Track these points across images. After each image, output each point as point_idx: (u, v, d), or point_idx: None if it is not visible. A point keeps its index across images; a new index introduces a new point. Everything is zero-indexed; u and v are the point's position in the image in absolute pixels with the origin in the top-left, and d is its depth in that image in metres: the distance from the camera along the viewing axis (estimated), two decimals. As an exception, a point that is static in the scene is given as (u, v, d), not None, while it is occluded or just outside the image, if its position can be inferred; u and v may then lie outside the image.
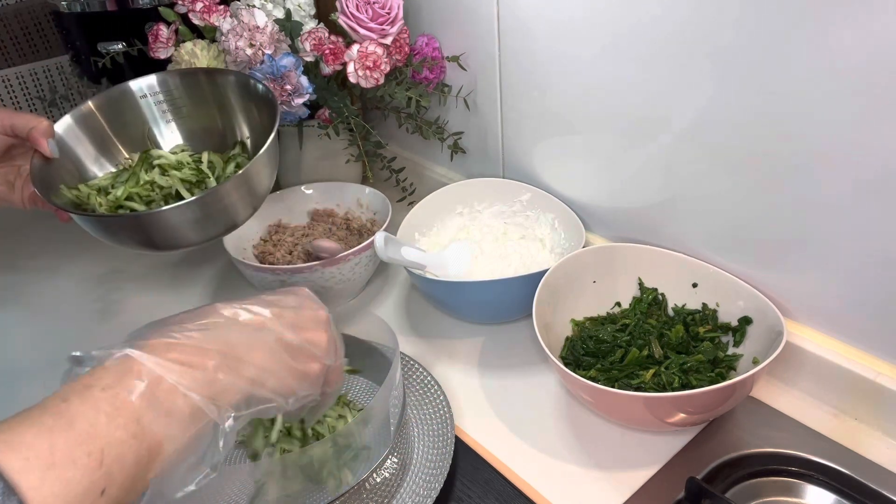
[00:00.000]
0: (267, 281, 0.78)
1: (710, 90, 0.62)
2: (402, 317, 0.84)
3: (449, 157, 0.97)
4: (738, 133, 0.61)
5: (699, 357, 0.66)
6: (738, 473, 0.59)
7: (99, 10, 0.95)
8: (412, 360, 0.72)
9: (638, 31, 0.65)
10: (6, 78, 1.20)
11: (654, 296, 0.74)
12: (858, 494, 0.56)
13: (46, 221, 0.93)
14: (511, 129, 0.88)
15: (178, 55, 0.82)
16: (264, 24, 0.80)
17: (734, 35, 0.58)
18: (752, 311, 0.66)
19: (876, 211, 0.55)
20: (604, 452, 0.63)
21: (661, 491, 0.58)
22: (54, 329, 0.86)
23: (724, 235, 0.68)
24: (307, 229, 0.91)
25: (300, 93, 0.82)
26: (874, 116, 0.52)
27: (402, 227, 0.84)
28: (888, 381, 0.59)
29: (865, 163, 0.54)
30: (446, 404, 0.66)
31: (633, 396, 0.57)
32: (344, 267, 0.78)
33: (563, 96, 0.77)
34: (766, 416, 0.64)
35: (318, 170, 0.97)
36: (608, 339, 0.69)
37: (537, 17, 0.75)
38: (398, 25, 0.84)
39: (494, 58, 0.83)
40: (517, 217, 0.89)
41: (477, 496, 0.59)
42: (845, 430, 0.62)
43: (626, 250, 0.75)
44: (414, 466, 0.61)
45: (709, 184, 0.67)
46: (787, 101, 0.57)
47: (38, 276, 0.98)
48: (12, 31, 1.19)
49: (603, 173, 0.78)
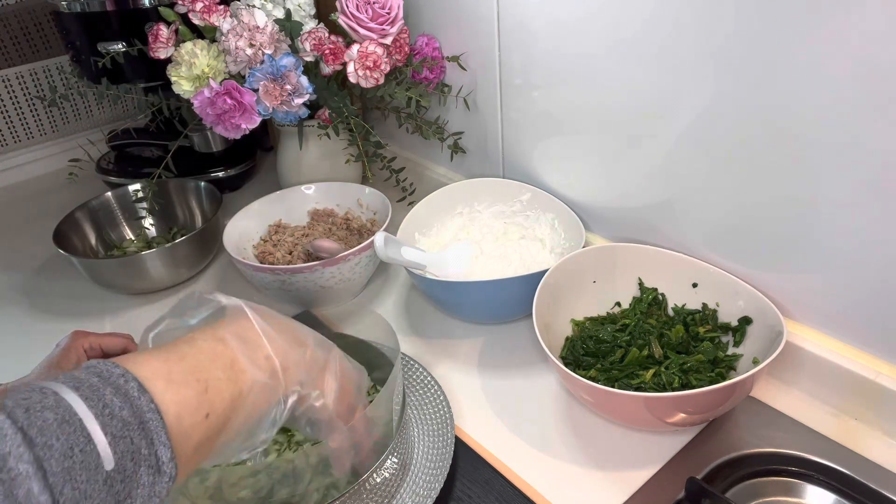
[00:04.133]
0: (267, 281, 0.78)
1: (710, 90, 0.62)
2: (402, 317, 0.84)
3: (449, 157, 0.97)
4: (738, 133, 0.61)
5: (699, 357, 0.66)
6: (738, 473, 0.59)
7: (99, 10, 0.95)
8: (412, 360, 0.72)
9: (638, 31, 0.65)
10: (6, 78, 1.20)
11: (654, 296, 0.74)
12: (858, 494, 0.56)
13: (47, 221, 0.93)
14: (511, 129, 0.88)
15: (178, 55, 0.82)
16: (264, 24, 0.80)
17: (734, 35, 0.58)
18: (752, 310, 0.66)
19: (876, 211, 0.55)
20: (604, 452, 0.62)
21: (661, 491, 0.58)
22: (55, 329, 0.86)
23: (724, 235, 0.68)
24: (307, 229, 0.91)
25: (300, 93, 0.82)
26: (874, 117, 0.52)
27: (402, 227, 0.84)
28: (888, 381, 0.59)
29: (865, 163, 0.54)
30: (446, 404, 0.66)
31: (633, 396, 0.57)
32: (344, 267, 0.78)
33: (563, 96, 0.77)
34: (766, 416, 0.64)
35: (318, 170, 0.97)
36: (608, 339, 0.69)
37: (537, 17, 0.75)
38: (398, 25, 0.84)
39: (494, 58, 0.83)
40: (517, 217, 0.89)
41: (477, 496, 0.59)
42: (845, 430, 0.62)
43: (626, 250, 0.75)
44: (414, 466, 0.61)
45: (709, 184, 0.67)
46: (787, 102, 0.57)
47: (39, 276, 0.98)
48: (12, 31, 1.19)
49: (603, 173, 0.78)
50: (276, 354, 0.46)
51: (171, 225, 1.03)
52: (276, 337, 0.46)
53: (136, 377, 0.37)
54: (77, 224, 0.95)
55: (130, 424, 0.35)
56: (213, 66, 0.82)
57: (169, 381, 0.38)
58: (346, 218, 0.93)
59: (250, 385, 0.43)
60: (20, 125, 1.25)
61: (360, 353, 0.69)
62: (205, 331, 0.44)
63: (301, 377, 0.48)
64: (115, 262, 0.90)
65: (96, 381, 0.35)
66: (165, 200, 1.00)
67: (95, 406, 0.34)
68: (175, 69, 0.82)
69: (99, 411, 0.34)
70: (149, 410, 0.36)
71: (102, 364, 0.37)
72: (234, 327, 0.45)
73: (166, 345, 0.42)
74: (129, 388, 0.36)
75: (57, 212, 0.94)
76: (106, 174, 1.14)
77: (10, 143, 1.26)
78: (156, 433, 0.36)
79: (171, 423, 0.37)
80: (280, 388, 0.46)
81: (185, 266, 0.91)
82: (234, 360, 0.43)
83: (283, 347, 0.46)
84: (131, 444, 0.34)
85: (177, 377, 0.39)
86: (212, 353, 0.42)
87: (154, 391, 0.37)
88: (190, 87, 0.82)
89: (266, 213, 0.91)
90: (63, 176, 1.04)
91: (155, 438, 0.35)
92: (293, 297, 0.80)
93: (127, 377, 0.36)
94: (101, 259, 0.94)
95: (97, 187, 1.10)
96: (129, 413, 0.35)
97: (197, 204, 1.02)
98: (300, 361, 0.48)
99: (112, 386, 0.35)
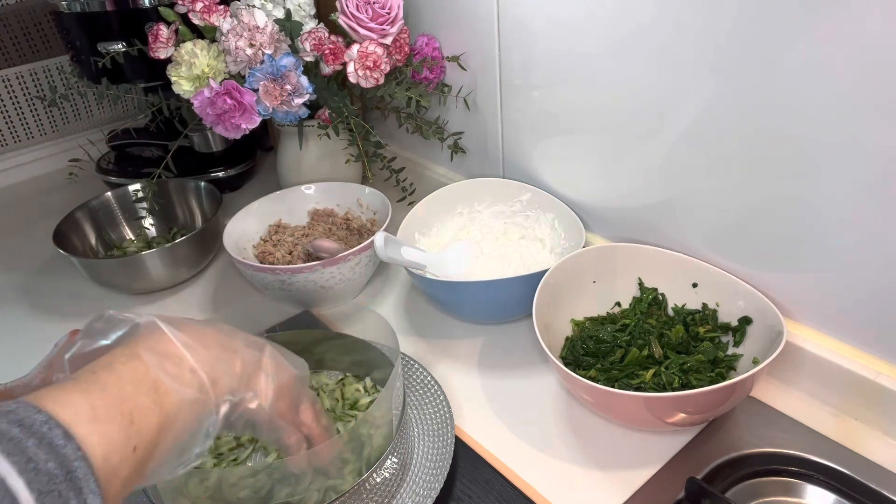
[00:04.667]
0: (267, 281, 0.78)
1: (709, 90, 0.62)
2: (402, 317, 0.83)
3: (449, 157, 0.97)
4: (738, 133, 0.61)
5: (699, 357, 0.66)
6: (738, 473, 0.59)
7: (99, 10, 0.95)
8: (412, 360, 0.72)
9: (638, 31, 0.65)
10: (6, 78, 1.20)
11: (654, 296, 0.74)
12: (858, 494, 0.56)
13: (47, 221, 0.93)
14: (511, 129, 0.88)
15: (178, 55, 0.82)
16: (264, 24, 0.80)
17: (734, 35, 0.58)
18: (752, 310, 0.66)
19: (875, 211, 0.55)
20: (604, 452, 0.62)
21: (661, 491, 0.58)
22: (55, 329, 0.86)
23: (724, 235, 0.68)
24: (307, 229, 0.91)
25: (300, 93, 0.82)
26: (874, 116, 0.52)
27: (402, 227, 0.84)
28: (888, 381, 0.59)
29: (865, 163, 0.54)
30: (446, 404, 0.66)
31: (633, 396, 0.57)
32: (344, 267, 0.78)
33: (563, 96, 0.77)
34: (766, 416, 0.64)
35: (318, 170, 0.97)
36: (608, 339, 0.69)
37: (537, 17, 0.75)
38: (398, 25, 0.84)
39: (494, 58, 0.83)
40: (517, 217, 0.89)
41: (477, 496, 0.59)
42: (845, 430, 0.62)
43: (626, 250, 0.75)
44: (414, 466, 0.61)
45: (708, 184, 0.67)
46: (787, 102, 0.57)
47: (39, 276, 0.98)
48: (12, 31, 1.19)
49: (603, 173, 0.78)
50: (201, 367, 0.44)
51: (171, 225, 1.03)
52: (199, 348, 0.45)
53: (59, 423, 0.35)
54: (77, 224, 0.95)
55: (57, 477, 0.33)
56: (213, 66, 0.82)
57: (93, 420, 0.36)
58: (346, 218, 0.93)
59: (178, 406, 0.42)
60: (20, 125, 1.25)
61: (360, 353, 0.69)
62: (123, 351, 0.42)
63: (232, 385, 0.46)
64: (115, 262, 0.90)
65: (17, 433, 0.33)
66: (165, 200, 1.00)
67: (18, 462, 0.32)
68: (175, 69, 0.82)
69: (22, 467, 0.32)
70: (76, 458, 0.34)
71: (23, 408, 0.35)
72: (150, 343, 0.43)
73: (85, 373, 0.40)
74: (54, 436, 0.34)
75: (57, 212, 0.94)
76: (106, 174, 1.14)
77: (10, 143, 1.26)
78: (84, 482, 0.34)
79: (99, 465, 0.35)
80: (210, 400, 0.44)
81: (185, 266, 0.91)
82: (156, 382, 0.41)
83: (207, 358, 0.45)
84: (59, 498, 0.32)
85: (101, 413, 0.37)
86: (133, 377, 0.41)
87: (79, 435, 0.35)
88: (190, 87, 0.82)
89: (266, 213, 0.92)
90: (63, 176, 1.04)
91: (84, 487, 0.34)
92: (293, 297, 0.80)
93: (50, 424, 0.34)
94: (101, 259, 0.94)
95: (97, 187, 1.10)
96: (56, 465, 0.33)
97: (197, 204, 1.02)
98: (229, 370, 0.46)
99: (35, 437, 0.33)
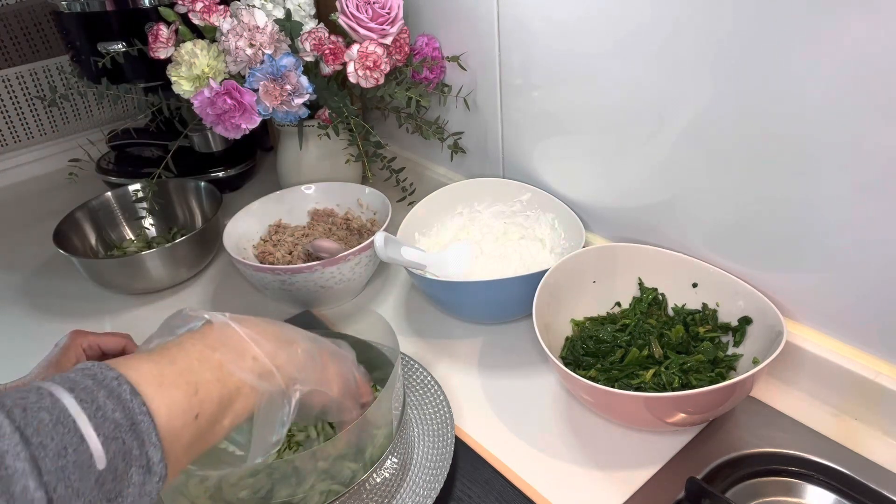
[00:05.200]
0: (267, 281, 0.78)
1: (709, 90, 0.62)
2: (402, 317, 0.83)
3: (449, 157, 0.97)
4: (738, 133, 0.61)
5: (699, 357, 0.66)
6: (738, 473, 0.59)
7: (99, 10, 0.95)
8: (412, 360, 0.72)
9: (637, 31, 0.65)
10: (6, 78, 1.20)
11: (654, 296, 0.74)
12: (858, 494, 0.56)
13: (47, 221, 0.93)
14: (511, 129, 0.87)
15: (178, 55, 0.82)
16: (264, 24, 0.80)
17: (734, 35, 0.58)
18: (752, 310, 0.66)
19: (876, 211, 0.55)
20: (604, 452, 0.62)
21: (661, 491, 0.58)
22: (55, 329, 0.86)
23: (724, 235, 0.68)
24: (307, 229, 0.91)
25: (300, 93, 0.82)
26: (874, 117, 0.52)
27: (402, 227, 0.84)
28: (888, 381, 0.59)
29: (865, 163, 0.54)
30: (446, 404, 0.66)
31: (633, 396, 0.57)
32: (344, 267, 0.78)
33: (563, 96, 0.77)
34: (766, 416, 0.64)
35: (318, 170, 0.97)
36: (608, 339, 0.69)
37: (537, 17, 0.75)
38: (398, 25, 0.84)
39: (494, 58, 0.83)
40: (517, 217, 0.89)
41: (477, 496, 0.59)
42: (845, 430, 0.62)
43: (626, 250, 0.75)
44: (414, 466, 0.61)
45: (708, 184, 0.67)
46: (787, 102, 0.57)
47: (39, 276, 0.98)
48: (12, 31, 1.19)
49: (603, 173, 0.78)
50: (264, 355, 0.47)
51: (171, 225, 1.03)
52: (263, 341, 0.48)
53: (128, 380, 0.38)
54: (77, 224, 0.95)
55: (122, 426, 0.36)
56: (213, 66, 0.82)
57: (160, 384, 0.39)
58: (346, 218, 0.93)
59: (238, 387, 0.44)
60: (20, 125, 1.25)
61: (360, 353, 0.69)
62: (193, 335, 0.46)
63: (294, 374, 0.49)
64: (115, 262, 0.90)
65: (90, 384, 0.36)
66: (165, 200, 1.00)
67: (89, 408, 0.35)
68: (175, 69, 0.82)
69: (92, 413, 0.35)
70: (140, 413, 0.37)
71: (97, 366, 0.38)
72: (218, 334, 0.47)
73: (157, 349, 0.44)
74: (122, 390, 0.37)
75: (57, 212, 0.94)
76: (106, 174, 1.14)
77: (10, 143, 1.26)
78: (147, 434, 0.37)
79: (162, 424, 0.38)
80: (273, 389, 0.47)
81: (185, 266, 0.91)
82: (221, 362, 0.44)
83: (270, 349, 0.48)
84: (123, 445, 0.35)
85: (168, 380, 0.40)
86: (199, 355, 0.44)
87: (146, 394, 0.38)
88: (190, 87, 0.82)
89: (266, 213, 0.92)
90: (63, 176, 1.04)
91: (146, 439, 0.37)
92: (293, 297, 0.80)
93: (120, 380, 0.37)
94: (101, 259, 0.94)
95: (97, 187, 1.10)
96: (122, 415, 0.36)
97: (197, 204, 1.02)
98: (292, 359, 0.49)
99: (106, 388, 0.37)
